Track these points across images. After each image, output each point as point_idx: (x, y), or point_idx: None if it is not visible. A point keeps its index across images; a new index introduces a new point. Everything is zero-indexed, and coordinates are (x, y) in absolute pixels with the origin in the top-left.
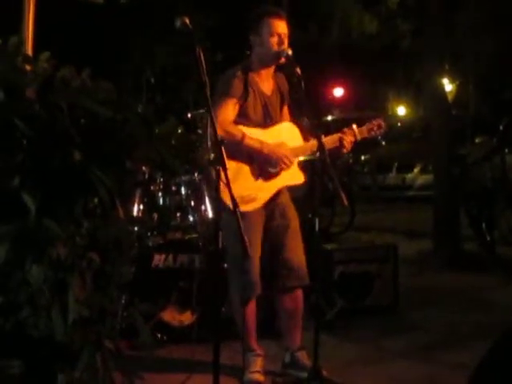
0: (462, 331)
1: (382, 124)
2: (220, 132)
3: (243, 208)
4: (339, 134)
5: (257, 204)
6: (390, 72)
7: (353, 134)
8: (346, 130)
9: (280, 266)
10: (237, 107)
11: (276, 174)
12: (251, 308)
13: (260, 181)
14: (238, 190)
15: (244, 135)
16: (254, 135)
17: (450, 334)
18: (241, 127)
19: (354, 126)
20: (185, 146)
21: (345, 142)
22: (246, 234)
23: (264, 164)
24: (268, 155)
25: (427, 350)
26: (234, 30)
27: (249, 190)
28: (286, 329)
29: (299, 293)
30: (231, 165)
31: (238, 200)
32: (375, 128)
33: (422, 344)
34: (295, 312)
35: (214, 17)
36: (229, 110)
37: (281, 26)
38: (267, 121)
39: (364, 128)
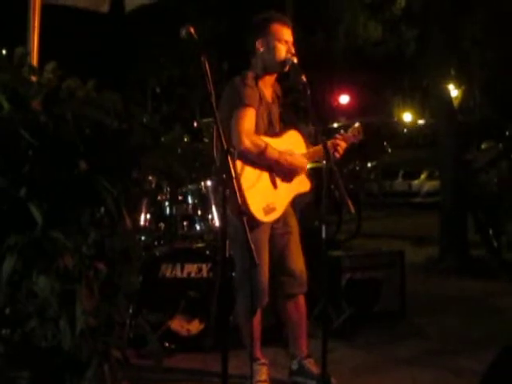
0: (469, 337)
1: (359, 129)
2: (247, 144)
3: (265, 219)
4: (331, 140)
5: (277, 214)
6: (395, 78)
7: (342, 139)
8: (338, 135)
9: (283, 274)
10: (255, 117)
11: (289, 182)
12: (257, 317)
13: (278, 190)
14: (260, 201)
15: (267, 145)
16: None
17: (458, 341)
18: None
19: (342, 132)
20: (191, 155)
21: (339, 148)
22: (256, 244)
23: (279, 172)
24: (288, 165)
25: (435, 356)
26: (240, 39)
27: (270, 200)
28: (291, 336)
29: (302, 300)
30: (252, 174)
31: (260, 211)
32: (356, 133)
33: (430, 350)
34: (299, 319)
35: (221, 25)
36: (251, 121)
37: (288, 34)
38: (270, 129)
39: (349, 134)
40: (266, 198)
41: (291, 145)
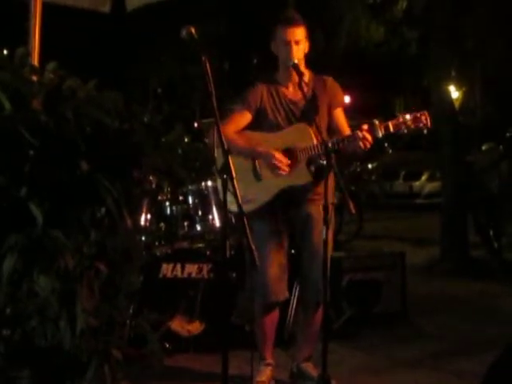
0: (470, 339)
1: (424, 117)
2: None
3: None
4: (357, 131)
5: (254, 205)
6: (396, 79)
7: (369, 131)
8: (364, 126)
9: (299, 275)
10: (248, 116)
11: (277, 175)
12: (272, 316)
13: (262, 182)
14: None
15: (234, 140)
16: (263, 139)
17: (459, 342)
18: (248, 132)
19: (376, 121)
20: (192, 155)
21: (360, 143)
22: (261, 242)
23: (265, 165)
24: (256, 156)
25: (436, 357)
26: (241, 40)
27: (247, 192)
28: (298, 338)
29: (318, 310)
30: (237, 166)
31: (233, 202)
32: (408, 122)
33: (431, 352)
34: (310, 327)
35: (222, 26)
36: (234, 118)
37: (293, 33)
38: (291, 125)
39: (391, 122)
40: (242, 189)
41: (294, 138)
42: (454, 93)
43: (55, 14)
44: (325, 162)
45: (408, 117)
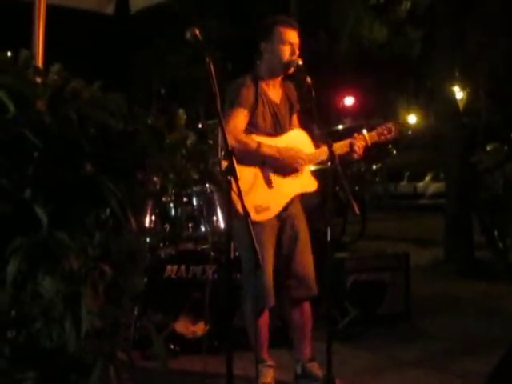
0: (474, 340)
1: (393, 128)
2: (232, 142)
3: (257, 218)
4: (349, 139)
5: (271, 213)
6: (400, 80)
7: (363, 139)
8: (356, 135)
9: (289, 277)
10: (247, 117)
11: (289, 180)
12: (264, 319)
13: (274, 189)
14: (252, 200)
15: (259, 143)
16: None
17: (463, 343)
18: (253, 136)
19: (364, 131)
20: (196, 156)
21: (355, 147)
22: (260, 245)
23: (278, 171)
24: (285, 160)
25: (440, 358)
26: (244, 41)
27: (262, 200)
28: (295, 340)
29: (307, 305)
30: (248, 174)
31: (251, 210)
32: (385, 132)
33: (435, 352)
34: (304, 323)
35: (225, 26)
36: (239, 120)
37: (292, 36)
38: (277, 129)
39: (374, 133)
40: (258, 197)
41: (295, 144)
42: (459, 93)
43: (59, 15)
44: (329, 164)
45: (388, 125)
